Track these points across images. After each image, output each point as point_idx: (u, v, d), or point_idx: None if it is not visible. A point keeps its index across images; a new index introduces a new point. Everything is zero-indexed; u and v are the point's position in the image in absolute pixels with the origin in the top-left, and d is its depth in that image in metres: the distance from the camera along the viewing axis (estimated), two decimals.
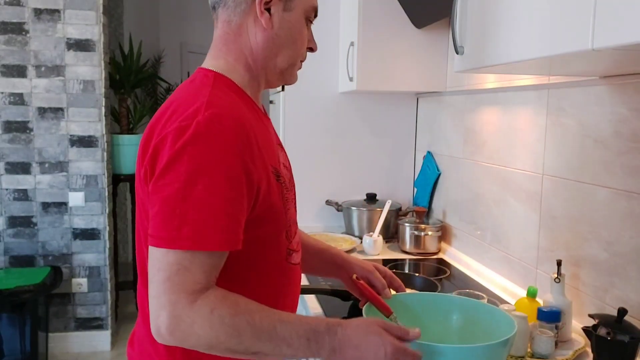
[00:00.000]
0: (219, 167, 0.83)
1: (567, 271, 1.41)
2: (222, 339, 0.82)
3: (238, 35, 0.98)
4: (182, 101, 0.89)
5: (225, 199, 0.83)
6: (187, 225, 0.82)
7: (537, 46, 0.98)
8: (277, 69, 1.01)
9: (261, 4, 0.95)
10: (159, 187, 0.84)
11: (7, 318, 2.87)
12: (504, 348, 0.96)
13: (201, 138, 0.83)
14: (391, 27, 2.13)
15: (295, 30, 1.00)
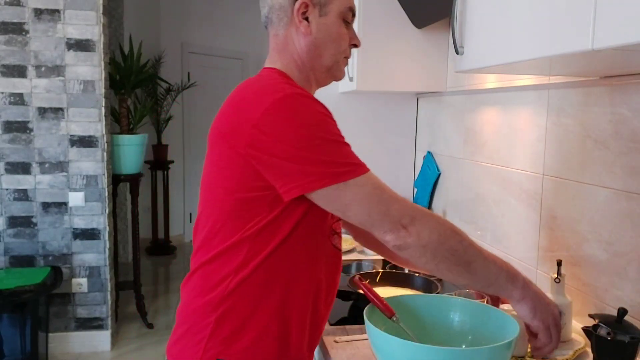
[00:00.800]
0: (334, 125, 1.04)
1: (567, 271, 1.41)
2: (448, 234, 0.96)
3: (285, 44, 1.11)
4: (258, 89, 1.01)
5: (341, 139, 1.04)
6: (343, 159, 0.98)
7: (537, 46, 0.98)
8: (324, 67, 1.13)
9: (299, 14, 1.08)
10: (282, 153, 0.95)
11: (7, 318, 2.87)
12: (508, 350, 0.96)
13: (294, 106, 0.97)
14: (391, 27, 2.13)
15: (333, 31, 1.11)
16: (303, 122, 0.95)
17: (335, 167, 0.94)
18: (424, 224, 0.96)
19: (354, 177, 0.94)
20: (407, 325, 1.10)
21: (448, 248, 0.96)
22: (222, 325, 1.00)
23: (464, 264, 0.97)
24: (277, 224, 0.99)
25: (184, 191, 5.93)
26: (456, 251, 0.96)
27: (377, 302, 1.11)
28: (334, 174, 0.94)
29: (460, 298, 1.19)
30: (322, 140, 0.95)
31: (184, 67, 5.79)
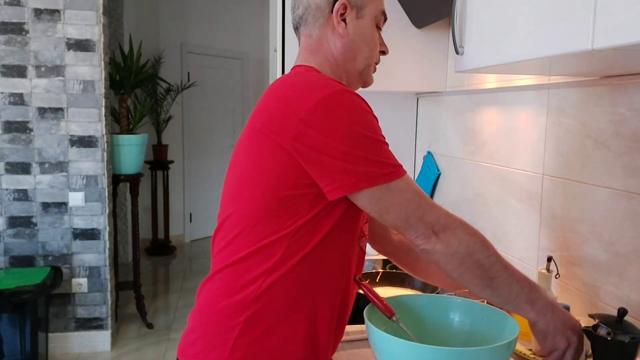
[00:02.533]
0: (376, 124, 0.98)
1: (567, 271, 1.41)
2: (477, 247, 0.98)
3: (319, 45, 1.11)
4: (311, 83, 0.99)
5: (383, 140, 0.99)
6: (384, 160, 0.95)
7: (537, 46, 0.98)
8: (356, 70, 1.12)
9: (337, 15, 1.08)
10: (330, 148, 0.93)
11: (7, 318, 2.87)
12: (508, 350, 0.96)
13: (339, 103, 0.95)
14: (391, 27, 2.12)
15: (368, 34, 1.11)
16: (352, 120, 0.93)
17: (381, 168, 0.94)
18: (455, 233, 0.97)
19: (396, 179, 0.94)
20: (407, 325, 1.10)
21: (475, 260, 0.97)
22: (251, 326, 0.98)
23: (488, 279, 0.98)
24: (316, 223, 0.97)
25: (184, 191, 5.93)
26: (482, 265, 0.97)
27: (377, 302, 1.10)
28: (380, 174, 0.93)
29: (460, 298, 1.19)
30: (369, 139, 0.94)
31: (183, 67, 5.79)
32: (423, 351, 0.93)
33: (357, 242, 1.08)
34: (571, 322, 1.01)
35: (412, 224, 0.96)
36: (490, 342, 0.98)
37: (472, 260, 0.97)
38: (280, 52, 2.41)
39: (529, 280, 1.01)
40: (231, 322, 0.99)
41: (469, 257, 0.96)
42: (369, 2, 1.10)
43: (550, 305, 1.00)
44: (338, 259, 1.02)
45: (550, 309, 0.99)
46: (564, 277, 1.42)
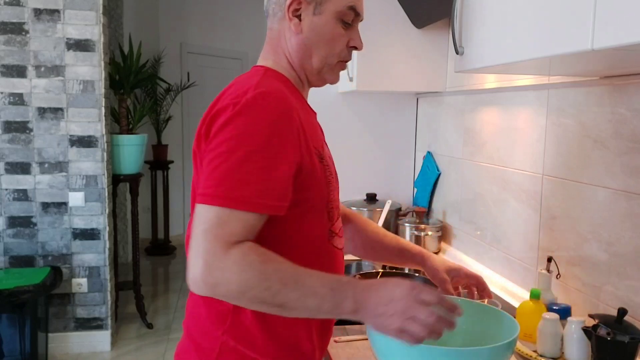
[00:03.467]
0: (259, 137, 0.91)
1: (567, 271, 1.41)
2: (251, 284, 0.86)
3: (278, 40, 1.08)
4: (236, 86, 0.99)
5: (262, 166, 0.90)
6: (223, 186, 0.89)
7: (537, 46, 0.98)
8: (314, 69, 1.08)
9: (290, 11, 1.04)
10: (208, 152, 0.93)
11: (7, 318, 2.87)
12: (508, 350, 0.96)
13: (246, 111, 0.92)
14: (391, 27, 2.13)
15: (326, 32, 1.05)
16: (233, 134, 0.91)
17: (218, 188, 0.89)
18: (224, 272, 0.86)
19: (215, 205, 0.88)
20: None
21: (251, 297, 0.87)
22: (232, 337, 0.99)
23: (277, 306, 0.89)
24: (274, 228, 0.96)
25: (184, 191, 5.93)
26: (263, 298, 0.87)
27: None
28: (211, 195, 0.89)
29: (460, 298, 1.20)
30: (235, 151, 0.90)
31: (183, 67, 5.79)
32: (422, 351, 0.93)
33: (328, 244, 1.06)
34: (391, 295, 0.89)
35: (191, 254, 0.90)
36: (490, 342, 0.98)
37: (248, 297, 0.87)
38: None
39: (331, 284, 0.90)
40: (213, 334, 1.00)
41: (243, 296, 0.87)
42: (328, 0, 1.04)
43: (360, 294, 0.89)
44: (311, 262, 0.96)
45: (362, 305, 0.89)
46: (564, 277, 1.42)
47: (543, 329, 1.19)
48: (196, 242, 0.88)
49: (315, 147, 1.03)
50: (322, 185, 1.02)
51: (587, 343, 1.10)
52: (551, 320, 1.18)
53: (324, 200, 1.03)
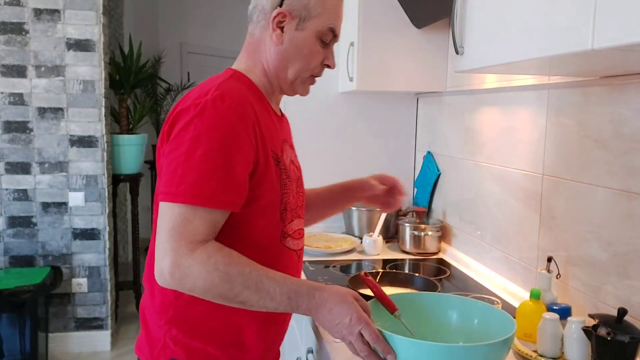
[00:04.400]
0: (217, 137, 0.97)
1: (567, 271, 1.41)
2: (215, 283, 0.94)
3: (257, 46, 1.13)
4: (201, 87, 1.05)
5: (219, 165, 0.96)
6: (185, 184, 0.95)
7: (537, 46, 0.98)
8: (288, 80, 1.14)
9: (274, 22, 1.09)
10: (168, 152, 0.99)
11: (7, 318, 2.87)
12: (505, 347, 0.98)
13: (206, 112, 0.97)
14: (391, 27, 2.12)
15: (304, 48, 1.11)
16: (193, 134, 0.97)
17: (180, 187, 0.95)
18: (191, 271, 0.93)
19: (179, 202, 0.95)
20: (407, 322, 1.12)
21: (215, 294, 0.96)
22: (175, 327, 1.06)
23: (239, 303, 0.97)
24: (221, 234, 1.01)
25: None
26: (226, 297, 0.96)
27: (381, 298, 1.13)
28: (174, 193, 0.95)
29: (458, 296, 1.21)
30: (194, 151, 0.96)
31: (183, 67, 5.79)
32: (420, 347, 0.95)
33: (280, 245, 1.11)
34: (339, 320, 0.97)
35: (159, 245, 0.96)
36: (488, 340, 0.99)
37: (212, 295, 0.96)
38: None
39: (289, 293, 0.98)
40: (158, 323, 1.08)
41: (207, 293, 0.95)
42: (316, 16, 1.09)
43: (314, 308, 0.99)
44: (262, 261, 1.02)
45: (314, 311, 0.99)
46: (564, 277, 1.42)
47: (543, 329, 1.19)
48: (163, 240, 0.94)
49: (273, 150, 1.08)
50: (275, 187, 1.07)
51: (587, 343, 1.10)
52: (551, 320, 1.18)
53: (276, 201, 1.08)
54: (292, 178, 1.15)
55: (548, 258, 1.37)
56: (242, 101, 1.02)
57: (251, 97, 1.07)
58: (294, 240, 1.16)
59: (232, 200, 0.98)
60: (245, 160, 1.00)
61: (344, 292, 1.01)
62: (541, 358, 1.18)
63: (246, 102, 1.03)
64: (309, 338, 1.64)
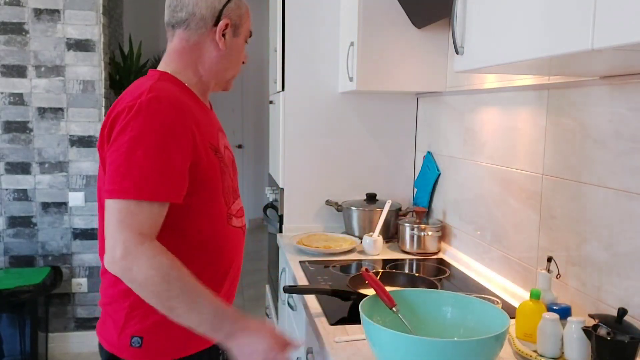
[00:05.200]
0: (155, 136, 1.06)
1: (567, 271, 1.41)
2: (155, 281, 1.01)
3: (193, 50, 1.25)
4: (132, 89, 1.15)
5: (159, 161, 1.05)
6: (128, 180, 1.03)
7: (537, 46, 0.98)
8: (225, 78, 1.31)
9: (220, 32, 1.23)
10: (110, 153, 1.07)
11: (7, 318, 2.87)
12: (497, 342, 1.01)
13: (142, 113, 1.06)
14: (391, 27, 2.12)
15: (240, 50, 1.30)
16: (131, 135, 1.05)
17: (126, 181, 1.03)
18: (136, 262, 1.00)
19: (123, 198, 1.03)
20: (406, 317, 1.16)
21: (150, 291, 1.02)
22: (135, 309, 1.15)
23: (166, 308, 1.03)
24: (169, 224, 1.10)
25: None
26: (159, 297, 1.02)
27: (380, 292, 1.17)
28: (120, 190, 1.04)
29: (455, 293, 1.25)
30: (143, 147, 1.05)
31: None
32: (414, 342, 0.99)
33: (227, 225, 1.23)
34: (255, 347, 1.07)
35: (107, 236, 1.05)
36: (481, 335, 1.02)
37: (149, 291, 1.02)
38: (280, 52, 2.41)
39: (216, 312, 1.06)
40: (120, 306, 1.17)
41: (144, 288, 1.02)
42: (244, 23, 1.28)
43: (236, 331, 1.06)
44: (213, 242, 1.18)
45: (231, 341, 1.07)
46: (564, 277, 1.42)
47: (543, 329, 1.19)
48: (112, 232, 1.02)
49: (210, 142, 1.20)
50: (216, 175, 1.20)
51: (587, 343, 1.10)
52: (551, 320, 1.18)
53: (219, 188, 1.20)
54: (227, 162, 1.26)
55: (548, 258, 1.37)
56: (176, 100, 1.12)
57: (183, 96, 1.18)
58: (237, 219, 1.29)
59: (173, 192, 1.08)
60: (183, 154, 1.09)
61: (263, 327, 1.11)
62: (541, 358, 1.18)
63: (180, 100, 1.13)
64: (309, 338, 1.64)
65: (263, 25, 6.42)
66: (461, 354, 0.98)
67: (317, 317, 1.47)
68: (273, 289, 2.74)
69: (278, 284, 2.43)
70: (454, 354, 0.97)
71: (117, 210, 1.02)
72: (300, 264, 1.99)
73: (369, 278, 1.23)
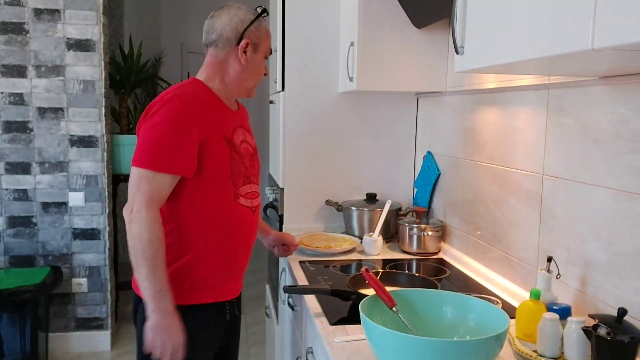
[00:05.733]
0: (169, 123, 1.40)
1: (567, 271, 1.41)
2: (142, 238, 1.35)
3: (221, 64, 1.55)
4: (168, 89, 1.50)
5: (171, 143, 1.39)
6: (146, 154, 1.39)
7: (537, 46, 0.98)
8: (246, 87, 1.60)
9: (242, 50, 1.53)
10: (140, 133, 1.43)
11: (7, 318, 2.87)
12: (497, 342, 1.01)
13: (165, 106, 1.41)
14: (391, 27, 2.13)
15: (259, 65, 1.58)
16: (155, 122, 1.41)
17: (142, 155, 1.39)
18: (139, 220, 1.35)
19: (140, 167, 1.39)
20: (405, 317, 1.16)
21: (132, 243, 1.36)
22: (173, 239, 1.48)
23: (135, 264, 1.37)
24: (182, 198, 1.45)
25: None
26: (135, 251, 1.36)
27: (380, 292, 1.17)
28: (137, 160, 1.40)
29: (455, 293, 1.24)
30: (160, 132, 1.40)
31: (183, 67, 5.79)
32: (413, 342, 0.99)
33: (234, 203, 1.51)
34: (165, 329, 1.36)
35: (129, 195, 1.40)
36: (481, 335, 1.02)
37: (133, 244, 1.36)
38: (280, 52, 2.41)
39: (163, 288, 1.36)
40: None
41: (133, 240, 1.36)
42: (263, 42, 1.56)
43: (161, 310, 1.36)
44: (221, 216, 1.49)
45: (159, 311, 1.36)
46: (564, 277, 1.42)
47: (543, 329, 1.19)
48: (131, 191, 1.39)
49: (223, 132, 1.50)
50: (225, 159, 1.48)
51: (587, 343, 1.10)
52: (551, 320, 1.18)
53: (226, 170, 1.48)
54: (242, 153, 1.55)
55: (548, 258, 1.37)
56: (191, 99, 1.45)
57: (203, 98, 1.49)
58: (247, 200, 1.56)
59: (180, 167, 1.40)
60: (191, 140, 1.41)
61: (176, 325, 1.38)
62: (541, 358, 1.18)
63: (196, 100, 1.45)
64: (309, 338, 1.64)
65: None
66: (461, 354, 0.97)
67: (317, 317, 1.47)
68: (273, 289, 2.74)
69: (278, 284, 2.42)
70: (454, 354, 0.97)
71: (136, 176, 1.38)
72: (300, 264, 1.99)
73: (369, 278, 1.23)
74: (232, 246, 1.53)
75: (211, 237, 1.48)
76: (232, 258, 1.54)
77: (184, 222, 1.46)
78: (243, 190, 1.54)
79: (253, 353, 3.40)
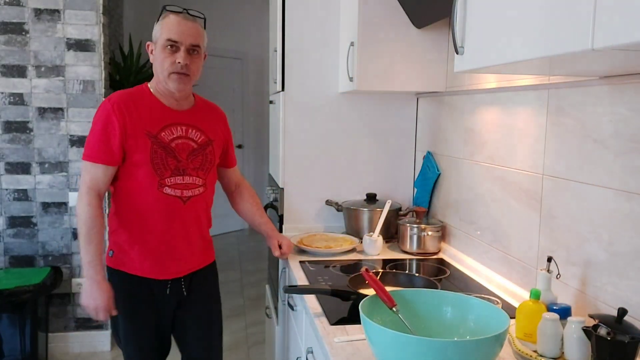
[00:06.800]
0: (97, 122, 1.72)
1: (567, 271, 1.41)
2: (81, 218, 1.70)
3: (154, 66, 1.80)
4: None
5: (99, 139, 1.71)
6: (85, 149, 1.73)
7: (537, 46, 0.98)
8: (161, 79, 1.77)
9: (148, 49, 1.80)
10: None
11: (7, 318, 2.87)
12: (496, 342, 1.01)
13: (99, 107, 1.75)
14: (391, 27, 2.13)
15: (158, 58, 1.74)
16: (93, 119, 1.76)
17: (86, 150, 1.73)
18: (79, 203, 1.71)
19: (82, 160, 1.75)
20: (405, 317, 1.16)
21: (78, 221, 1.71)
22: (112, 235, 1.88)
23: (78, 235, 1.72)
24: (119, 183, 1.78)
25: None
26: (79, 227, 1.71)
27: (380, 292, 1.17)
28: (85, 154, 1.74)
29: (454, 293, 1.24)
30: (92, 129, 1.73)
31: None
32: (417, 343, 0.98)
33: (159, 191, 1.75)
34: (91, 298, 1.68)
35: None
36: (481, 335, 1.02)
37: (77, 220, 1.72)
38: (280, 52, 2.41)
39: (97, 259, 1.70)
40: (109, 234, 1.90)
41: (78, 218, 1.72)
42: (160, 35, 1.73)
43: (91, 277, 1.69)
44: (147, 202, 1.75)
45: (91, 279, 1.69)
46: (564, 277, 1.42)
47: (543, 329, 1.19)
48: (80, 179, 1.75)
49: (147, 129, 1.73)
50: (146, 151, 1.71)
51: (587, 343, 1.11)
52: (551, 320, 1.18)
53: (147, 160, 1.72)
54: (171, 148, 1.76)
55: (548, 258, 1.37)
56: (116, 101, 1.72)
57: (135, 97, 1.76)
58: (176, 190, 1.78)
59: (106, 158, 1.70)
60: (115, 135, 1.69)
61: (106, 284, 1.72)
62: (541, 358, 1.18)
63: (119, 101, 1.72)
64: (309, 338, 1.64)
65: (263, 25, 6.43)
66: (461, 354, 0.97)
67: (317, 317, 1.47)
68: (273, 289, 2.74)
69: (278, 284, 2.42)
70: (454, 354, 0.97)
71: (82, 167, 1.75)
72: (301, 264, 1.99)
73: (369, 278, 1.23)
74: (160, 228, 1.78)
75: (139, 217, 1.76)
76: (164, 240, 1.79)
77: (120, 202, 1.79)
78: (170, 181, 1.76)
79: (253, 353, 3.40)
